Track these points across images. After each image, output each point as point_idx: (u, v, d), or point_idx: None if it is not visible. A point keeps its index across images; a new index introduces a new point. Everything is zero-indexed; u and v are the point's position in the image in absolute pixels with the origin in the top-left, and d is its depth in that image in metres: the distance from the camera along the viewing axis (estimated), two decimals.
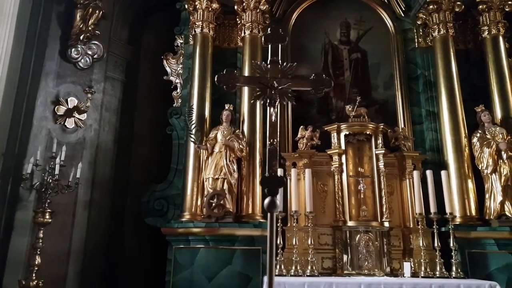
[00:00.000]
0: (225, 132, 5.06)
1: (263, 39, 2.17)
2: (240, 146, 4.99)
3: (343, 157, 5.13)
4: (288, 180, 4.82)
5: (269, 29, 2.18)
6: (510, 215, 4.70)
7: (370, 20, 6.45)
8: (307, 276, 4.23)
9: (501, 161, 4.86)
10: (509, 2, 5.74)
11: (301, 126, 5.37)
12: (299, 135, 5.34)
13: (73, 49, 4.86)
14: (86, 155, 4.99)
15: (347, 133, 5.20)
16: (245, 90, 5.48)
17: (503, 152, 4.87)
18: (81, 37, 4.87)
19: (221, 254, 4.57)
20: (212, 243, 4.61)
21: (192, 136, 5.00)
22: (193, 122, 5.11)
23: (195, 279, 4.43)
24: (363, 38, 6.41)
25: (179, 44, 6.10)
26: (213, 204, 4.62)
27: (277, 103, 1.95)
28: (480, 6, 5.81)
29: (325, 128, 5.30)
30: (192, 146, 5.10)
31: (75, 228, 4.61)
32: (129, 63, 6.01)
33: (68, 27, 4.93)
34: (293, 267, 4.34)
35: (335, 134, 5.21)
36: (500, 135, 5.03)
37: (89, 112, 5.04)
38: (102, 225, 5.03)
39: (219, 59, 5.85)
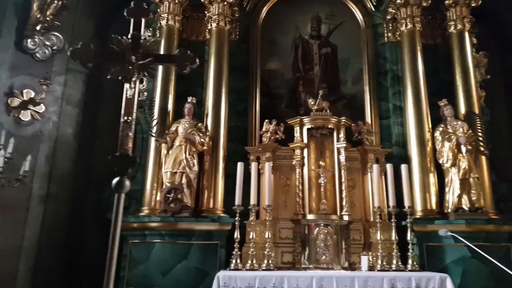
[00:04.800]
0: (186, 125, 5.00)
1: (125, 12, 2.07)
2: (201, 139, 4.94)
3: (305, 150, 5.11)
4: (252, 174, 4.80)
5: (132, 3, 2.09)
6: (466, 208, 4.73)
7: (341, 14, 6.43)
8: (262, 270, 4.20)
9: (460, 155, 4.88)
10: None
11: (266, 120, 5.34)
12: (263, 129, 5.30)
13: (29, 40, 4.76)
14: (44, 148, 4.89)
15: (310, 127, 5.18)
16: (211, 83, 5.43)
17: (462, 146, 4.88)
18: (38, 28, 4.78)
19: (177, 249, 4.53)
20: (168, 238, 4.56)
21: (152, 129, 4.95)
22: (153, 115, 5.05)
23: (149, 274, 4.39)
24: (333, 32, 6.39)
25: (146, 37, 6.00)
26: (170, 199, 4.57)
27: (134, 78, 1.88)
28: (447, 1, 5.82)
29: (288, 122, 5.27)
30: (153, 140, 5.04)
31: (28, 223, 4.52)
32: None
33: (25, 18, 4.83)
34: (249, 261, 4.31)
35: (298, 128, 5.19)
36: (461, 129, 5.05)
37: (48, 105, 4.95)
38: (60, 220, 4.94)
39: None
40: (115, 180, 1.72)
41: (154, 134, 4.90)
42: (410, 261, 4.41)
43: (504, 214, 5.12)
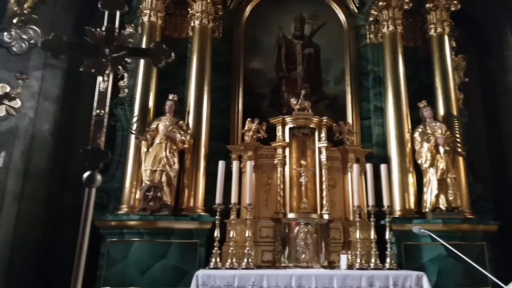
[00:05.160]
0: (167, 123, 4.95)
1: (99, 4, 2.04)
2: (182, 137, 4.90)
3: (287, 150, 5.12)
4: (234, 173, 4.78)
5: None
6: (443, 208, 4.83)
7: (324, 15, 6.47)
8: (242, 269, 4.19)
9: (438, 155, 4.97)
10: (454, 2, 5.86)
11: (248, 119, 5.33)
12: (245, 128, 5.29)
13: (5, 33, 4.62)
14: (19, 144, 4.76)
15: (292, 126, 5.19)
16: (193, 81, 5.39)
17: (440, 147, 4.97)
18: (15, 21, 4.64)
19: (156, 247, 4.47)
20: (147, 236, 4.50)
21: (132, 126, 4.87)
22: (134, 112, 4.98)
23: (127, 273, 4.32)
24: (317, 33, 6.42)
25: (129, 33, 5.93)
26: (149, 197, 4.52)
27: (108, 71, 1.85)
28: (428, 5, 5.91)
29: (271, 121, 5.27)
30: (133, 138, 4.97)
31: (1, 223, 4.37)
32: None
33: (1, 10, 4.68)
34: (229, 260, 4.30)
35: (280, 127, 5.20)
36: (440, 130, 5.14)
37: (24, 100, 4.80)
38: (35, 219, 4.80)
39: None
40: (85, 174, 1.69)
41: (134, 132, 4.83)
42: (388, 260, 4.47)
43: (480, 214, 5.24)
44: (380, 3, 5.90)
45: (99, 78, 1.84)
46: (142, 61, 5.33)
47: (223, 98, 5.76)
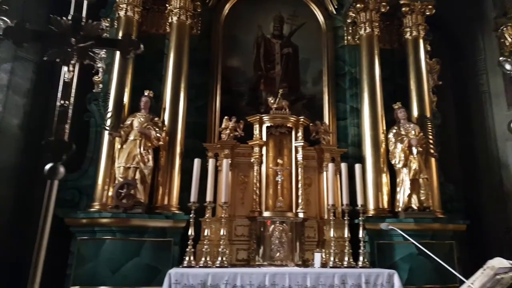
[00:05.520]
0: (142, 119, 4.87)
1: None
2: (157, 134, 4.83)
3: (264, 148, 5.12)
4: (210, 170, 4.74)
5: None
6: (415, 208, 4.93)
7: (303, 15, 6.50)
8: (216, 267, 4.16)
9: (411, 156, 5.07)
10: (429, 6, 6.00)
11: (225, 117, 5.31)
12: (222, 126, 5.27)
13: None
14: None
15: (269, 125, 5.20)
16: (169, 77, 5.32)
17: (414, 148, 5.08)
18: None
19: (128, 245, 4.39)
20: (119, 234, 4.41)
21: (106, 122, 4.77)
22: (108, 108, 4.88)
23: (98, 272, 4.22)
24: (295, 33, 6.45)
25: (104, 27, 5.80)
26: (122, 194, 4.43)
27: (74, 61, 1.81)
28: (404, 8, 6.02)
29: (248, 119, 5.26)
30: (107, 134, 4.86)
31: None
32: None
33: None
34: (203, 259, 4.26)
35: (258, 125, 5.19)
36: (413, 131, 5.25)
37: None
38: (2, 216, 4.63)
39: (146, 44, 5.56)
40: (47, 166, 1.62)
41: (108, 128, 4.72)
42: (361, 258, 4.53)
43: (450, 213, 5.38)
44: (358, 5, 5.98)
45: (64, 68, 1.77)
46: (117, 56, 5.24)
47: (200, 96, 5.71)
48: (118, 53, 5.24)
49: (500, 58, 6.19)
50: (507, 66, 6.14)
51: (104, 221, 4.42)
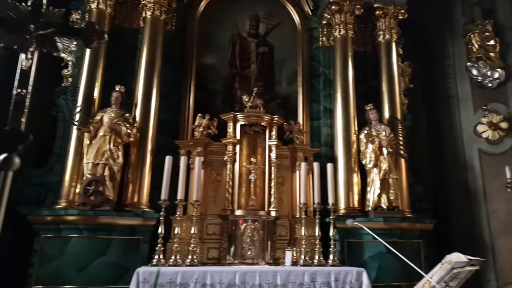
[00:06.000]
0: (112, 115, 4.75)
1: None
2: (128, 130, 4.72)
3: (237, 147, 5.10)
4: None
5: None
6: (385, 207, 5.03)
7: (279, 15, 6.52)
8: (186, 265, 4.10)
9: (382, 156, 5.17)
10: (402, 11, 6.14)
11: (199, 114, 5.25)
12: (196, 123, 5.21)
13: None
14: None
15: (243, 123, 5.19)
16: (142, 73, 5.22)
17: (384, 148, 5.17)
18: None
19: (95, 244, 4.26)
20: (86, 232, 4.28)
21: (74, 117, 4.63)
22: (77, 102, 4.73)
23: (63, 271, 4.08)
24: (271, 32, 6.46)
25: (74, 20, 5.64)
26: (90, 191, 4.30)
27: (32, 49, 1.74)
28: (377, 12, 6.13)
29: (222, 117, 5.23)
30: (75, 129, 4.72)
31: None
32: None
33: None
34: (173, 257, 4.19)
35: (232, 123, 5.17)
36: (384, 132, 5.35)
37: None
38: None
39: (119, 38, 5.53)
40: (1, 157, 1.55)
41: (76, 123, 4.58)
42: (331, 256, 4.57)
43: (418, 213, 5.52)
44: (333, 7, 6.04)
45: (22, 56, 1.70)
46: (88, 50, 5.09)
47: (173, 92, 5.63)
48: None
49: (468, 64, 6.44)
50: (474, 72, 6.39)
51: (70, 219, 4.28)
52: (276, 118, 5.24)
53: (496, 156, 5.98)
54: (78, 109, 4.65)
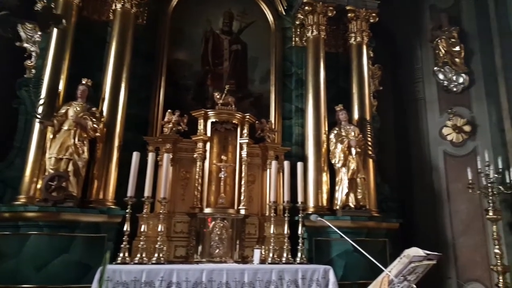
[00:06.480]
0: (78, 109, 4.59)
1: None
2: (94, 125, 4.57)
3: (208, 144, 5.05)
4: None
5: None
6: (352, 206, 5.11)
7: (253, 14, 6.50)
8: (152, 264, 4.02)
9: (350, 156, 5.25)
10: (373, 14, 6.26)
11: (169, 110, 5.16)
12: (165, 119, 5.12)
13: None
14: None
15: (215, 120, 5.14)
16: (110, 66, 5.07)
17: (353, 149, 5.26)
18: None
19: (56, 241, 4.09)
20: (46, 229, 4.10)
21: (37, 110, 4.44)
22: (40, 95, 4.54)
23: (20, 270, 3.89)
24: (244, 30, 6.43)
25: (39, 9, 5.42)
26: (52, 187, 4.14)
27: None
28: (349, 14, 6.23)
29: (193, 114, 5.16)
30: (38, 122, 4.52)
31: None
32: None
33: None
34: (138, 255, 4.09)
35: (202, 121, 5.11)
36: (353, 133, 5.44)
37: None
38: None
39: (87, 30, 5.37)
40: None
41: (39, 116, 4.39)
42: (299, 254, 4.60)
43: (385, 212, 5.64)
44: (306, 7, 6.08)
45: None
46: (53, 39, 4.91)
47: (143, 88, 5.50)
48: (54, 37, 4.97)
49: (435, 68, 6.65)
50: (441, 76, 6.61)
51: (30, 215, 4.09)
52: (247, 116, 5.22)
53: (459, 158, 6.20)
54: (41, 102, 4.46)
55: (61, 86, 4.80)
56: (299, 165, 4.96)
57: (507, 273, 5.18)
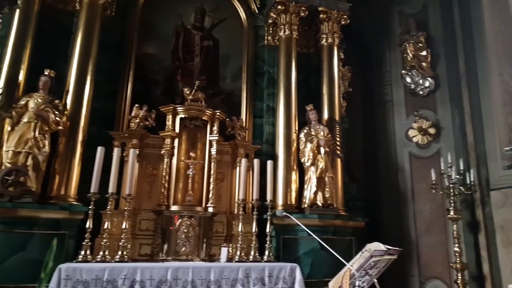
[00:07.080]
0: (39, 101, 4.39)
1: None
2: (57, 118, 4.39)
3: (176, 140, 4.96)
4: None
5: None
6: (320, 204, 5.17)
7: (225, 10, 6.45)
8: (115, 262, 3.89)
9: (319, 155, 5.30)
10: (344, 16, 6.35)
11: (136, 105, 5.03)
12: (132, 114, 4.99)
13: None
14: None
15: (184, 116, 5.05)
16: (75, 58, 4.89)
17: (322, 148, 5.31)
18: None
19: (12, 238, 3.89)
20: (2, 226, 3.89)
21: None
22: None
23: None
24: (217, 27, 6.37)
25: None
26: (9, 181, 3.93)
27: None
28: (321, 15, 6.29)
29: (161, 109, 5.05)
30: None
31: None
32: None
33: None
34: (101, 253, 3.96)
35: (171, 116, 5.02)
36: (322, 132, 5.49)
37: None
38: None
39: (52, 20, 5.15)
40: None
41: None
42: (266, 252, 4.59)
43: (352, 211, 5.72)
44: (279, 7, 6.09)
45: None
46: (14, 29, 4.68)
47: (110, 81, 5.33)
48: (15, 25, 4.74)
49: (403, 71, 6.83)
50: (408, 79, 6.79)
51: None
52: (218, 113, 5.16)
53: (424, 159, 6.40)
54: None
55: (21, 77, 4.57)
56: (269, 163, 4.96)
57: (466, 270, 5.38)
